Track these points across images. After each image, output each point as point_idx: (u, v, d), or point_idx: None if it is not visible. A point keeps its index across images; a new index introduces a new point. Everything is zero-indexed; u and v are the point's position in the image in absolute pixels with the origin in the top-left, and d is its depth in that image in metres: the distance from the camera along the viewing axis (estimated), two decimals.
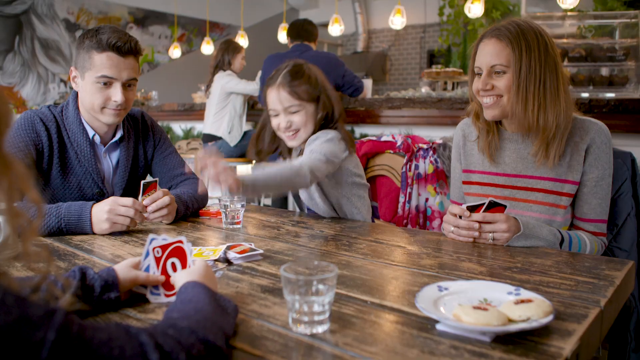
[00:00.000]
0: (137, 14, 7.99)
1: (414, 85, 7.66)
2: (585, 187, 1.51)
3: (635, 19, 3.56)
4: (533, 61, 1.43)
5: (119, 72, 1.63)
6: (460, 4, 6.36)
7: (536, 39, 1.45)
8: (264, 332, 0.84)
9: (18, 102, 6.79)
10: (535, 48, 1.44)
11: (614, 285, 1.06)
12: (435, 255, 1.30)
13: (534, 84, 1.44)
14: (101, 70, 1.61)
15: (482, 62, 1.49)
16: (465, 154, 1.68)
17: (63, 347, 0.56)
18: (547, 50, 1.45)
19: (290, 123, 1.77)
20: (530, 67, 1.43)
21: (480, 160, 1.63)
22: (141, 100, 6.39)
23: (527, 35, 1.45)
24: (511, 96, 1.46)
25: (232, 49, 4.31)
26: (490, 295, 0.95)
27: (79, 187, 1.72)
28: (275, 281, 1.10)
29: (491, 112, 1.50)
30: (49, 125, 1.67)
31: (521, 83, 1.44)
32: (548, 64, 1.44)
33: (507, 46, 1.45)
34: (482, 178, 1.62)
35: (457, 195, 1.74)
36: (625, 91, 3.38)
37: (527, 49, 1.44)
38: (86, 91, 1.66)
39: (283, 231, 1.59)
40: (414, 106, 3.47)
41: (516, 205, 1.54)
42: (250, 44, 6.80)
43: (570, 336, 0.81)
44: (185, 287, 0.86)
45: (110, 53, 1.61)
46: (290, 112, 1.76)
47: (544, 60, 1.44)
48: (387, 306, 0.95)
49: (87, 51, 1.63)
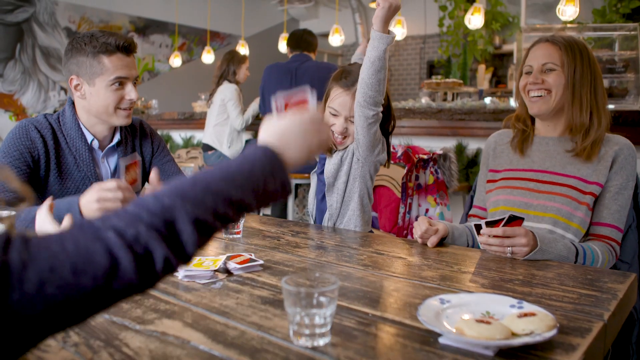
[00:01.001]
0: (138, 23, 8.02)
1: (413, 96, 7.68)
2: (608, 192, 1.55)
3: (635, 32, 3.58)
4: (585, 67, 1.56)
5: (130, 71, 1.69)
6: (460, 15, 6.40)
7: (586, 50, 1.59)
8: (265, 344, 0.83)
9: (18, 109, 6.79)
10: (586, 56, 1.57)
11: (617, 299, 1.05)
12: (437, 267, 1.30)
13: (587, 87, 1.56)
14: (115, 72, 1.65)
15: (533, 62, 1.61)
16: (494, 157, 1.76)
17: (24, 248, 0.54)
18: (594, 62, 1.59)
19: (346, 129, 1.80)
20: (583, 72, 1.56)
21: (508, 160, 1.70)
22: (141, 108, 6.40)
23: (579, 45, 1.58)
24: (564, 95, 1.57)
25: (237, 60, 4.34)
26: (492, 308, 0.95)
27: (78, 192, 1.72)
28: (276, 292, 1.09)
29: (537, 106, 1.60)
30: (43, 132, 1.68)
31: (576, 84, 1.56)
32: (597, 74, 1.58)
33: (559, 49, 1.58)
34: (508, 174, 1.68)
35: (481, 199, 1.78)
36: (625, 103, 3.38)
37: (580, 54, 1.56)
38: (98, 96, 1.67)
39: (283, 241, 1.58)
40: (414, 117, 3.47)
41: (539, 197, 1.57)
42: (251, 54, 6.81)
43: (574, 350, 0.80)
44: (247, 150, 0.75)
45: (120, 54, 1.66)
46: (352, 122, 1.77)
47: (593, 69, 1.58)
48: (389, 319, 0.94)
49: (93, 57, 1.63)
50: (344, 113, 1.78)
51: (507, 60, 7.45)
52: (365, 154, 1.77)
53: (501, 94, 6.83)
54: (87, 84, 1.67)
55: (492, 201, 1.68)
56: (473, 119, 3.24)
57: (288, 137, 0.79)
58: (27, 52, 6.88)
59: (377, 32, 1.63)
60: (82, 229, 0.59)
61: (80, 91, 1.69)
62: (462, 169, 3.34)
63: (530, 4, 6.44)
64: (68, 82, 1.70)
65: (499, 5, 6.55)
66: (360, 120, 1.70)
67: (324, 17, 9.51)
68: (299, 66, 3.69)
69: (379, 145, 1.78)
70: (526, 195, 1.60)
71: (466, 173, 3.37)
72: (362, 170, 1.82)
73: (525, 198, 1.60)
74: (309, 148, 0.81)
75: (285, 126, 0.80)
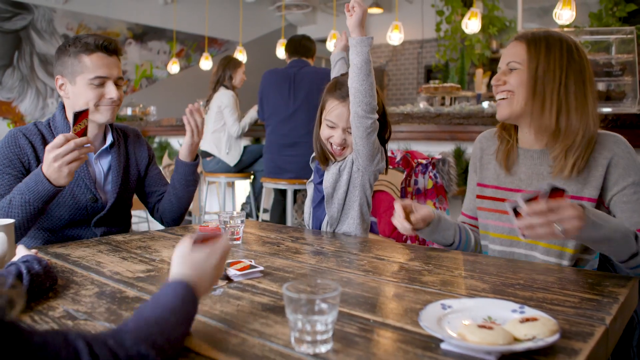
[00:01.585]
0: (136, 30, 8.03)
1: (411, 101, 7.69)
2: (625, 196, 1.37)
3: (631, 35, 3.59)
4: (553, 61, 1.41)
5: (110, 71, 1.72)
6: (457, 20, 6.42)
7: (559, 43, 1.43)
8: (266, 352, 0.83)
9: (16, 117, 6.79)
10: (557, 50, 1.41)
11: (619, 302, 1.05)
12: (437, 272, 1.29)
13: (552, 83, 1.41)
14: (94, 71, 1.70)
15: (502, 62, 1.50)
16: (481, 167, 1.65)
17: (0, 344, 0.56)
18: (571, 54, 1.42)
19: (345, 140, 1.80)
20: (549, 67, 1.41)
21: (495, 174, 1.59)
22: (140, 115, 6.40)
23: (550, 39, 1.43)
24: (526, 94, 1.43)
25: (232, 65, 4.33)
26: (494, 313, 0.94)
27: (72, 194, 1.74)
28: (277, 299, 1.08)
29: (501, 111, 1.49)
30: (32, 138, 1.72)
31: (538, 81, 1.42)
32: (572, 68, 1.41)
33: (523, 46, 1.45)
34: (496, 193, 1.57)
35: (469, 207, 1.71)
36: (623, 106, 3.39)
37: (546, 49, 1.42)
38: (79, 94, 1.72)
39: (283, 247, 1.58)
40: (412, 121, 3.47)
41: None
42: (249, 60, 6.83)
43: (577, 355, 0.80)
44: (164, 287, 0.84)
45: (100, 53, 1.71)
46: (350, 132, 1.77)
47: (566, 63, 1.41)
48: (390, 325, 0.94)
49: (74, 56, 1.70)
50: (341, 125, 1.79)
51: None
52: (365, 163, 1.77)
53: None
54: (70, 83, 1.73)
55: (483, 224, 1.62)
56: (471, 123, 3.25)
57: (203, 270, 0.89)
58: (25, 59, 6.88)
59: (357, 37, 1.64)
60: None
61: (65, 90, 1.75)
62: (461, 173, 3.34)
63: (527, 8, 6.46)
64: (55, 83, 1.76)
65: (495, 10, 6.58)
66: (359, 131, 1.70)
67: (322, 23, 9.54)
68: (297, 72, 3.69)
69: (378, 154, 1.79)
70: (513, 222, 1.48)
71: (465, 177, 3.37)
72: (362, 180, 1.82)
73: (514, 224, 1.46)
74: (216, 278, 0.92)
75: (200, 259, 0.90)
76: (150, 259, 1.42)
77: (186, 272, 0.87)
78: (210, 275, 0.90)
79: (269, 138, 3.78)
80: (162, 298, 0.81)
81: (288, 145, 3.65)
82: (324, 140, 1.84)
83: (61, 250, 1.52)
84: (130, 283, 1.20)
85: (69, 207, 1.73)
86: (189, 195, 1.95)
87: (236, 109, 4.22)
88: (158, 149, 5.70)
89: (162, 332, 0.75)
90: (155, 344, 0.72)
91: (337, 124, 1.79)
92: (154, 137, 5.84)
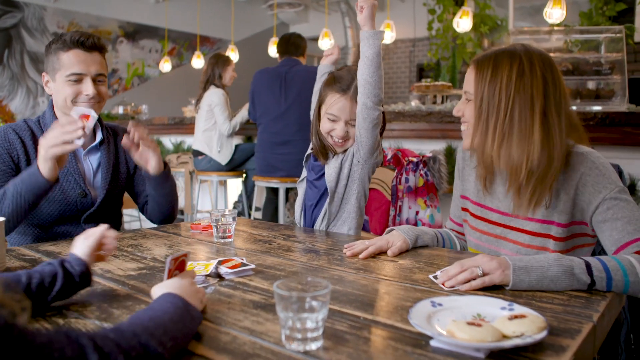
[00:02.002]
0: (128, 28, 8.00)
1: (403, 99, 7.71)
2: (600, 215, 1.26)
3: (620, 34, 3.62)
4: (498, 90, 1.28)
5: (87, 67, 1.72)
6: (449, 18, 6.44)
7: (508, 65, 1.28)
8: (257, 349, 0.83)
9: (7, 115, 6.74)
10: (504, 74, 1.28)
11: (607, 300, 1.07)
12: (428, 270, 1.30)
13: (496, 115, 1.28)
14: (70, 68, 1.70)
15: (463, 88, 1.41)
16: (462, 178, 1.60)
17: (5, 347, 0.56)
18: (522, 76, 1.27)
19: (347, 133, 1.82)
20: (494, 96, 1.28)
21: (475, 190, 1.52)
22: (131, 114, 6.37)
23: (499, 64, 1.30)
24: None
25: (221, 62, 4.32)
26: (483, 310, 0.95)
27: (61, 189, 1.75)
28: (268, 297, 1.09)
29: (464, 140, 1.42)
30: (21, 134, 1.75)
31: (482, 113, 1.31)
32: (519, 96, 1.27)
33: (472, 73, 1.35)
34: (476, 210, 1.51)
35: (456, 214, 1.67)
36: (612, 104, 3.42)
37: (491, 75, 1.29)
38: (58, 91, 1.74)
39: (275, 245, 1.58)
40: (403, 120, 3.49)
41: (506, 246, 1.42)
42: (241, 58, 6.82)
43: (564, 352, 0.81)
44: (157, 299, 0.89)
45: (76, 50, 1.71)
46: (352, 125, 1.80)
47: (513, 90, 1.27)
48: (381, 322, 0.95)
49: (54, 53, 1.72)
50: (343, 117, 1.80)
51: None
52: (366, 156, 1.79)
53: None
54: (52, 80, 1.76)
55: (468, 240, 1.58)
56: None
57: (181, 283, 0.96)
58: (16, 57, 6.83)
59: (369, 30, 1.66)
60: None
61: (49, 87, 1.78)
62: (452, 171, 3.35)
63: (518, 7, 6.50)
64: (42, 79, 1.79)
65: (487, 8, 6.60)
66: (366, 123, 1.72)
67: (314, 21, 9.54)
68: (288, 70, 3.69)
69: (379, 147, 1.81)
70: (493, 243, 1.45)
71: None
72: (362, 173, 1.84)
73: (493, 246, 1.44)
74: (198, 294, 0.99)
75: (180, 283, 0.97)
76: (141, 257, 1.42)
77: (169, 289, 0.93)
78: (190, 287, 0.97)
79: (260, 136, 3.78)
80: (153, 304, 0.86)
81: (280, 143, 3.65)
82: (324, 134, 1.85)
83: (52, 249, 1.51)
84: (122, 281, 1.20)
85: (58, 202, 1.74)
86: (169, 199, 1.92)
87: (226, 107, 4.21)
88: None
89: (158, 326, 0.77)
90: (154, 335, 0.75)
91: (340, 116, 1.80)
92: None
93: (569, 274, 1.11)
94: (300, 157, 2.07)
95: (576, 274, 1.11)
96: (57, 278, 0.99)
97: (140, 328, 0.75)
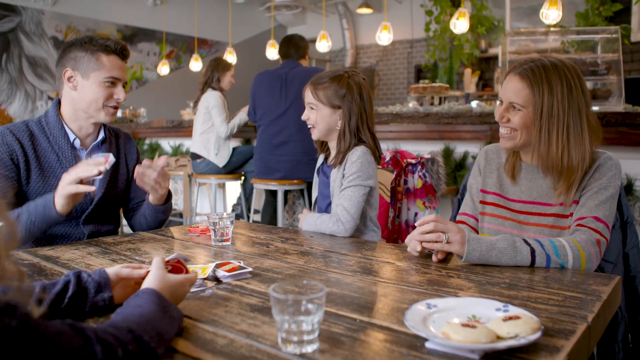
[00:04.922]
0: (125, 32, 8.00)
1: (401, 100, 7.72)
2: (585, 194, 1.49)
3: (616, 34, 3.63)
4: (556, 104, 1.46)
5: (122, 74, 1.83)
6: (446, 19, 6.45)
7: (560, 82, 1.46)
8: (253, 352, 0.84)
9: (5, 119, 6.74)
10: (559, 91, 1.46)
11: (601, 300, 1.07)
12: (424, 272, 1.31)
13: (557, 126, 1.47)
14: (110, 71, 1.78)
15: (504, 95, 1.54)
16: (484, 175, 1.70)
17: (23, 334, 0.61)
18: (571, 92, 1.47)
19: (308, 117, 1.96)
20: (553, 110, 1.46)
21: (497, 183, 1.66)
22: (130, 117, 6.37)
23: (551, 78, 1.47)
24: (529, 135, 1.50)
25: (221, 67, 4.32)
26: (478, 311, 0.96)
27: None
28: (265, 300, 1.09)
29: (504, 142, 1.57)
30: (19, 135, 1.76)
31: (543, 125, 1.47)
32: (571, 107, 1.47)
33: (527, 87, 1.48)
34: (498, 200, 1.65)
35: (470, 208, 1.73)
36: (609, 104, 3.43)
37: (549, 92, 1.46)
38: (90, 89, 1.78)
39: (272, 248, 1.59)
40: (401, 121, 3.49)
41: (529, 229, 1.57)
42: (239, 61, 6.82)
43: (558, 352, 0.82)
44: (139, 293, 0.94)
45: (116, 56, 1.81)
46: (310, 108, 1.95)
47: (567, 104, 1.46)
48: (376, 324, 0.95)
49: (92, 54, 1.77)
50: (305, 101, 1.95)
51: (493, 63, 7.51)
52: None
53: (487, 97, 6.88)
54: (82, 77, 1.78)
55: (486, 227, 1.67)
56: (460, 123, 3.27)
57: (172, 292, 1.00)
58: (14, 61, 6.83)
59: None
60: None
61: (73, 83, 1.78)
62: (450, 172, 3.37)
63: (515, 7, 6.51)
64: (62, 74, 1.79)
65: (484, 9, 6.61)
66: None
67: (312, 23, 9.54)
68: (288, 72, 3.70)
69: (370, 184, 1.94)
70: (516, 228, 1.59)
71: (454, 176, 3.40)
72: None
73: (516, 230, 1.59)
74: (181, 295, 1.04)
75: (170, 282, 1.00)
76: (139, 261, 1.43)
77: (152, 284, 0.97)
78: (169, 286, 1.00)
79: (259, 138, 3.78)
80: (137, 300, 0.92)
81: (278, 144, 3.66)
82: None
83: (51, 253, 1.52)
84: None
85: None
86: (158, 222, 1.95)
87: (224, 110, 4.21)
88: (149, 151, 5.69)
89: (147, 322, 0.83)
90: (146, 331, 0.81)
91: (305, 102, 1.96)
92: (145, 139, 5.82)
93: (512, 246, 1.35)
94: (297, 159, 2.11)
95: (517, 246, 1.35)
96: (70, 286, 0.99)
97: (134, 325, 0.81)
